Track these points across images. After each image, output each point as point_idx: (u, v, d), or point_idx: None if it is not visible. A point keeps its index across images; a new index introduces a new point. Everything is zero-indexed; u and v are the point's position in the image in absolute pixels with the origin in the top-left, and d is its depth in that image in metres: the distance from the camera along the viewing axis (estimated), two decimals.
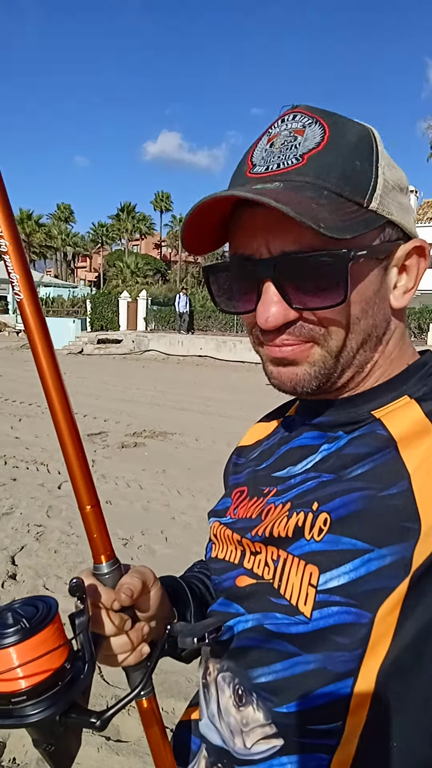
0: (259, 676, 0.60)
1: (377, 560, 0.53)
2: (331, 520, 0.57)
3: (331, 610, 0.54)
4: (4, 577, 3.54)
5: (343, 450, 0.61)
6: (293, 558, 0.58)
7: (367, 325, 0.59)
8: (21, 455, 6.48)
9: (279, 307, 0.56)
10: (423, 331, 19.12)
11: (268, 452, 0.74)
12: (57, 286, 41.89)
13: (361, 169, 0.55)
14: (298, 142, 0.55)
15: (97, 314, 25.22)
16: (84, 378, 13.34)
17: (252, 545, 0.65)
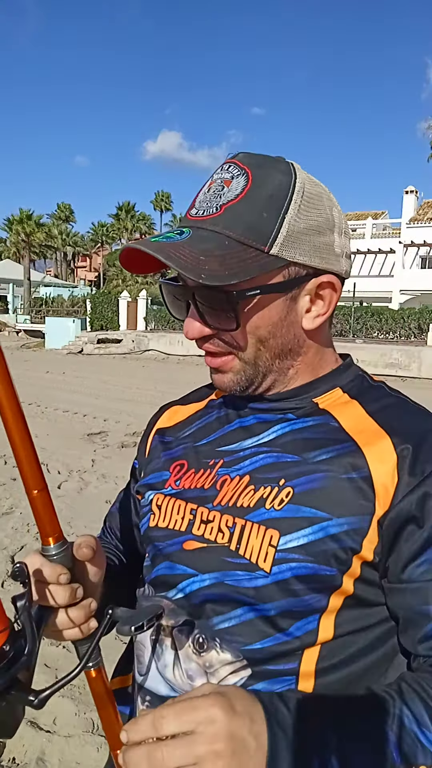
0: (220, 623, 0.68)
1: (335, 527, 0.65)
2: (294, 492, 0.68)
3: (290, 565, 0.65)
4: (4, 576, 3.54)
5: (301, 433, 0.73)
6: (252, 524, 0.69)
7: (276, 344, 0.71)
8: None
9: (197, 324, 0.69)
10: (423, 331, 19.12)
11: (206, 429, 0.83)
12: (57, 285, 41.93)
13: (267, 220, 0.65)
14: (223, 192, 0.67)
15: (97, 314, 25.24)
16: (84, 378, 13.34)
17: (207, 513, 0.73)
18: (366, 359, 16.02)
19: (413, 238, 31.61)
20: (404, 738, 0.57)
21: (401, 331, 20.05)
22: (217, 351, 0.72)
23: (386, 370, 15.67)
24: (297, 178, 0.68)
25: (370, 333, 20.66)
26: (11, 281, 40.27)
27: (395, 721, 0.57)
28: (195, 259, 0.63)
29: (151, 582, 0.79)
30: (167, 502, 0.79)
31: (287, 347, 0.73)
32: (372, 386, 0.78)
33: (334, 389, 0.76)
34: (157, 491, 0.81)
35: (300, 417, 0.74)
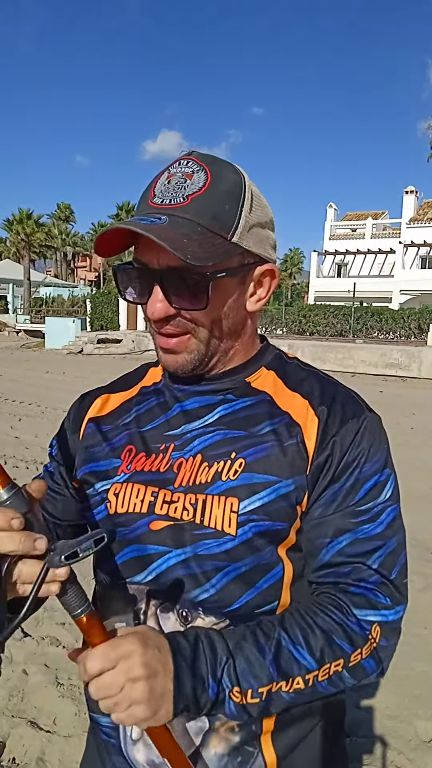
0: (200, 594, 0.75)
1: (285, 487, 0.76)
2: (246, 462, 0.77)
3: (251, 525, 0.74)
4: None
5: (243, 412, 0.82)
6: (212, 497, 0.76)
7: (227, 324, 0.79)
8: (21, 455, 6.48)
9: (162, 305, 0.74)
10: (423, 331, 19.12)
11: (148, 416, 0.87)
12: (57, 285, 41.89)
13: (228, 212, 0.73)
14: (186, 184, 0.73)
15: (97, 314, 25.23)
16: (84, 378, 13.35)
17: (169, 494, 0.79)
18: (366, 359, 16.02)
19: (413, 238, 31.60)
20: (281, 655, 0.70)
21: (401, 331, 20.05)
22: (175, 332, 0.77)
23: (386, 370, 15.67)
24: (245, 178, 0.77)
25: (370, 333, 20.66)
26: (11, 281, 40.24)
27: (273, 642, 0.71)
28: (180, 241, 0.69)
29: (116, 568, 0.80)
30: (123, 488, 0.82)
31: (234, 328, 0.81)
32: (288, 363, 0.89)
33: (260, 369, 0.86)
34: (111, 480, 0.83)
35: (239, 397, 0.83)
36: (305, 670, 0.70)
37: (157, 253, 0.72)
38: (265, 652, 0.70)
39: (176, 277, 0.72)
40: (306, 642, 0.71)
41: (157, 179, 0.76)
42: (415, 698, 2.58)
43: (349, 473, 0.77)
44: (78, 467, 0.89)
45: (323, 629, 0.72)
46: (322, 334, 21.04)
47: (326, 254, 35.99)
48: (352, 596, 0.75)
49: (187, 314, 0.75)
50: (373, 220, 35.64)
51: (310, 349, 16.81)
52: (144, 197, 0.76)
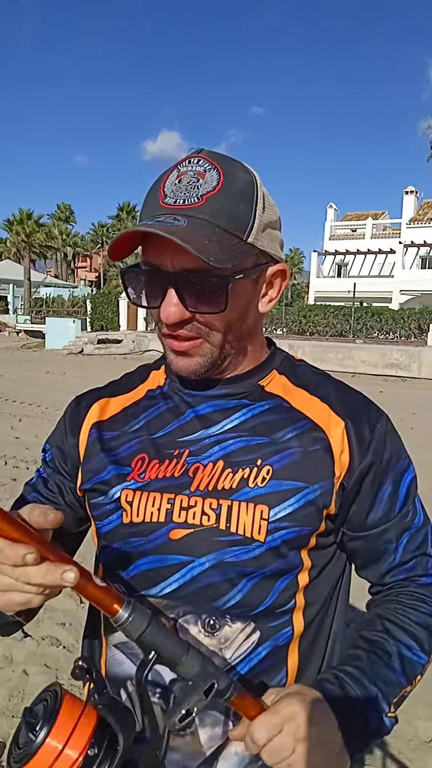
0: (227, 601, 0.75)
1: (312, 493, 0.76)
2: (273, 470, 0.77)
3: (281, 532, 0.75)
4: None
5: (262, 417, 0.81)
6: (240, 503, 0.75)
7: (242, 326, 0.78)
8: (21, 455, 6.48)
9: (177, 308, 0.71)
10: (423, 332, 19.12)
11: (159, 422, 0.84)
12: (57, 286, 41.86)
13: (243, 212, 0.72)
14: (199, 183, 0.71)
15: (97, 314, 25.23)
16: (84, 378, 13.35)
17: (186, 500, 0.77)
18: (366, 359, 16.03)
19: (413, 239, 31.61)
20: (405, 665, 0.76)
21: (401, 331, 20.05)
22: (188, 335, 0.75)
23: (386, 371, 15.67)
24: (256, 177, 0.75)
25: (370, 333, 20.66)
26: (11, 281, 40.22)
27: (396, 657, 0.76)
28: (202, 243, 0.67)
29: (128, 581, 0.78)
30: (138, 497, 0.78)
31: (247, 330, 0.80)
32: (298, 365, 0.89)
33: (272, 372, 0.85)
34: (122, 487, 0.80)
35: (254, 401, 0.82)
36: (421, 668, 0.78)
37: (172, 255, 0.70)
38: (395, 668, 0.75)
39: (192, 279, 0.70)
40: (418, 643, 0.77)
41: (166, 178, 0.73)
42: (415, 698, 2.57)
43: (390, 475, 0.81)
44: (85, 478, 0.85)
45: (421, 624, 0.79)
46: (322, 335, 21.04)
47: (326, 254, 35.99)
48: (427, 586, 0.82)
49: (201, 318, 0.73)
50: (373, 220, 35.64)
51: (310, 349, 16.81)
52: (153, 196, 0.73)
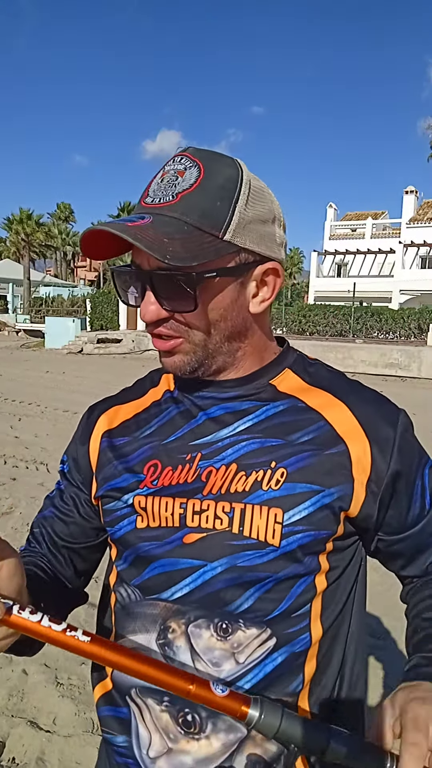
0: (240, 605, 0.73)
1: (328, 497, 0.74)
2: (287, 472, 0.75)
3: (296, 536, 0.73)
4: None
5: (276, 418, 0.79)
6: (253, 506, 0.74)
7: (227, 326, 0.76)
8: (21, 455, 6.48)
9: (154, 307, 0.72)
10: (423, 331, 19.11)
11: (170, 426, 0.83)
12: (57, 285, 41.86)
13: (220, 208, 0.70)
14: (178, 182, 0.70)
15: (96, 314, 25.21)
16: (84, 377, 13.35)
17: (198, 504, 0.76)
18: (366, 359, 16.03)
19: (413, 238, 31.60)
20: None
21: (401, 331, 20.05)
22: (168, 334, 0.75)
23: (386, 370, 15.67)
24: (243, 172, 0.73)
25: (370, 333, 20.66)
26: (11, 281, 40.21)
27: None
28: (159, 240, 0.66)
29: (140, 585, 0.78)
30: (151, 502, 0.78)
31: (236, 330, 0.77)
32: (312, 364, 0.87)
33: (284, 370, 0.83)
34: (135, 493, 0.80)
35: (268, 401, 0.80)
36: None
37: (147, 254, 0.69)
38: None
39: (164, 278, 0.70)
40: None
41: (154, 178, 0.74)
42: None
43: (418, 470, 0.80)
44: (99, 485, 0.85)
45: None
46: (322, 334, 21.03)
47: (326, 254, 35.99)
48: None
49: (180, 317, 0.73)
50: (373, 220, 35.64)
51: (310, 349, 16.82)
52: (140, 197, 0.74)
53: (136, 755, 0.77)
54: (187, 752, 0.73)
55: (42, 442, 7.02)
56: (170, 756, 0.74)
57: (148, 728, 0.75)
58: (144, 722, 0.76)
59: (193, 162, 0.72)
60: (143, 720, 0.76)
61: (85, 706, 2.43)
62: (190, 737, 0.73)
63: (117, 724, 0.80)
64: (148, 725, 0.75)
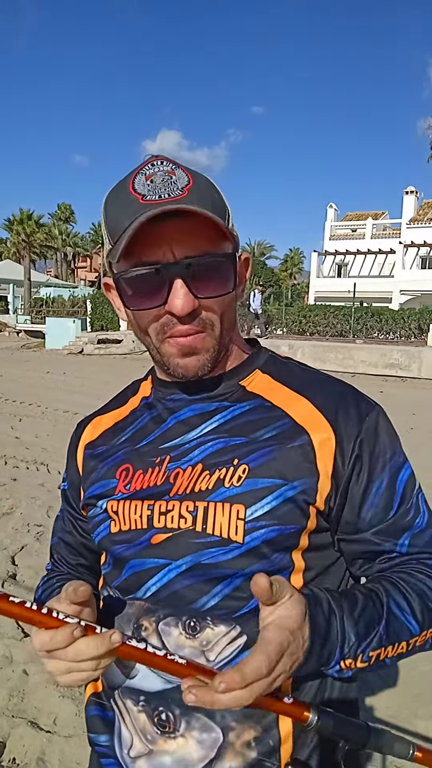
0: (207, 602, 0.73)
1: (291, 490, 0.74)
2: (249, 468, 0.75)
3: (260, 532, 0.72)
4: (5, 576, 3.54)
5: (242, 418, 0.79)
6: (215, 504, 0.74)
7: (231, 315, 0.78)
8: (21, 455, 6.48)
9: (188, 297, 0.71)
10: (423, 332, 19.10)
11: (143, 432, 0.85)
12: (57, 286, 41.81)
13: (219, 201, 0.74)
14: (173, 180, 0.71)
15: (97, 314, 25.18)
16: (84, 378, 13.35)
17: (165, 504, 0.77)
18: (366, 359, 16.02)
19: (413, 239, 31.60)
20: (391, 622, 0.71)
21: (401, 331, 20.03)
22: (195, 330, 0.74)
23: (386, 371, 15.67)
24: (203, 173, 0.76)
25: (370, 333, 20.65)
26: (11, 281, 40.22)
27: (385, 609, 0.71)
28: (214, 213, 0.69)
29: (119, 586, 0.80)
30: (123, 506, 0.80)
31: (233, 319, 0.79)
32: (284, 363, 0.87)
33: (254, 371, 0.84)
34: (108, 498, 0.82)
35: (235, 402, 0.81)
36: (409, 635, 0.72)
37: (170, 245, 0.69)
38: (380, 619, 0.71)
39: (201, 265, 0.70)
40: (411, 608, 0.73)
41: (131, 183, 0.71)
42: (415, 698, 2.58)
43: (383, 470, 0.78)
44: (83, 495, 0.88)
45: (419, 594, 0.74)
46: (322, 334, 21.03)
47: (326, 254, 35.98)
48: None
49: (205, 307, 0.73)
50: (373, 220, 35.63)
51: (310, 349, 16.81)
52: (126, 201, 0.71)
53: (117, 755, 0.78)
54: (165, 752, 0.73)
55: (42, 442, 7.02)
56: (150, 757, 0.74)
57: (129, 730, 0.77)
58: (125, 723, 0.77)
59: (173, 165, 0.73)
60: (124, 721, 0.78)
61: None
62: (167, 736, 0.73)
63: (102, 724, 0.82)
64: (129, 727, 0.77)
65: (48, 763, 2.13)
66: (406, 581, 0.75)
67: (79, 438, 0.93)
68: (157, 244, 0.69)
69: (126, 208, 0.70)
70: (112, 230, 0.73)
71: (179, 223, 0.68)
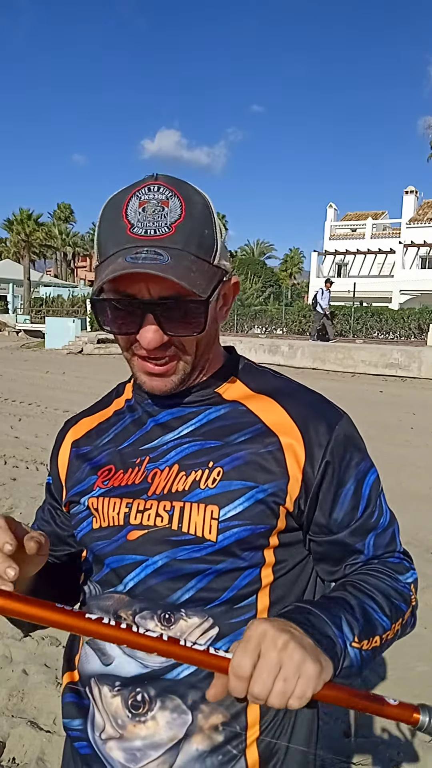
0: (181, 596, 0.78)
1: (261, 492, 0.78)
2: (223, 471, 0.79)
3: (232, 531, 0.77)
4: None
5: (217, 422, 0.83)
6: (191, 504, 0.78)
7: (208, 340, 0.82)
8: (21, 455, 6.48)
9: (157, 334, 0.75)
10: (423, 332, 19.10)
11: (125, 433, 0.89)
12: (57, 285, 41.84)
13: (208, 236, 0.76)
14: (165, 212, 0.73)
15: None
16: (84, 378, 13.35)
17: (143, 503, 0.81)
18: (366, 359, 16.02)
19: (413, 239, 31.60)
20: (368, 619, 0.75)
21: (401, 331, 20.03)
22: (165, 357, 0.78)
23: (386, 371, 15.67)
24: (207, 197, 0.78)
25: (370, 333, 20.65)
26: (11, 281, 40.23)
27: (359, 609, 0.75)
28: (189, 278, 0.71)
29: (99, 581, 0.85)
30: (101, 504, 0.84)
31: (211, 342, 0.84)
32: (258, 371, 0.91)
33: (230, 378, 0.88)
34: (89, 495, 0.86)
35: (210, 407, 0.85)
36: (383, 630, 0.77)
37: (148, 284, 0.73)
38: (355, 615, 0.74)
39: (172, 306, 0.74)
40: (378, 606, 0.77)
41: (125, 205, 0.74)
42: (415, 698, 2.56)
43: (350, 475, 0.82)
44: (66, 493, 0.92)
45: (384, 593, 0.79)
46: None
47: (326, 254, 36.00)
48: (393, 565, 0.84)
49: (177, 340, 0.77)
50: (373, 220, 35.65)
51: (310, 349, 16.81)
52: (115, 225, 0.74)
53: (90, 738, 0.82)
54: (135, 736, 0.77)
55: (42, 442, 7.02)
56: (120, 740, 0.78)
57: (102, 715, 0.81)
58: (98, 709, 0.81)
59: (170, 191, 0.74)
60: (97, 707, 0.82)
61: None
62: (137, 721, 0.77)
63: (76, 710, 0.86)
64: (101, 712, 0.81)
65: (48, 763, 2.13)
66: (373, 583, 0.80)
67: (63, 437, 0.97)
68: (135, 280, 0.73)
69: (114, 233, 0.74)
70: (99, 248, 0.77)
71: (177, 268, 0.70)
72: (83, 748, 0.84)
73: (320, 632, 0.68)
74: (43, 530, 0.97)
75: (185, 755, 0.76)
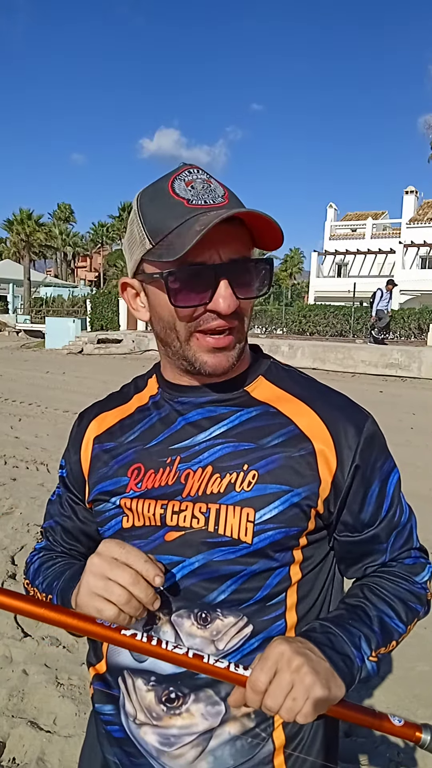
0: (217, 597, 0.80)
1: (296, 496, 0.80)
2: (259, 474, 0.80)
3: (267, 533, 0.79)
4: (4, 576, 3.55)
5: (249, 423, 0.84)
6: (227, 506, 0.80)
7: (249, 321, 0.83)
8: (21, 455, 6.48)
9: (233, 298, 0.75)
10: (423, 332, 19.10)
11: (152, 431, 0.89)
12: (57, 286, 41.82)
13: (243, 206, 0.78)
14: (212, 188, 0.77)
15: (97, 314, 25.19)
16: (84, 378, 13.34)
17: (178, 504, 0.82)
18: (366, 359, 16.01)
19: (413, 239, 31.59)
20: (384, 628, 0.80)
21: (401, 331, 20.03)
22: (227, 328, 0.79)
23: (386, 371, 15.66)
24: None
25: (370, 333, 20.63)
26: (11, 281, 40.22)
27: (376, 619, 0.80)
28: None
29: None
30: (136, 504, 0.85)
31: (248, 324, 0.84)
32: (285, 370, 0.92)
33: (258, 378, 0.89)
34: (121, 496, 0.86)
35: (242, 407, 0.85)
36: (398, 635, 0.82)
37: (217, 247, 0.74)
38: (373, 627, 0.80)
39: (244, 267, 0.77)
40: (396, 613, 0.82)
41: (170, 188, 0.76)
42: (415, 698, 2.58)
43: (377, 476, 0.85)
44: (90, 490, 0.91)
45: (401, 598, 0.84)
46: (322, 334, 21.01)
47: (326, 254, 35.98)
48: (410, 567, 0.88)
49: (238, 308, 0.78)
50: (373, 220, 35.63)
51: (310, 349, 16.80)
52: (170, 203, 0.75)
53: (123, 723, 0.85)
54: (171, 725, 0.81)
55: (42, 442, 7.01)
56: (155, 727, 0.82)
57: (134, 706, 0.83)
58: (131, 700, 0.84)
59: (207, 174, 0.79)
60: (130, 699, 0.84)
61: (86, 706, 2.43)
62: (172, 713, 0.81)
63: (106, 697, 0.89)
64: (134, 704, 0.83)
65: (48, 763, 2.13)
66: (390, 588, 0.85)
67: (84, 431, 0.95)
68: (205, 246, 0.72)
69: (170, 210, 0.75)
70: (153, 230, 0.76)
71: (224, 228, 0.71)
72: (116, 732, 0.87)
73: (339, 652, 0.73)
74: (64, 525, 0.98)
75: (218, 739, 0.80)
